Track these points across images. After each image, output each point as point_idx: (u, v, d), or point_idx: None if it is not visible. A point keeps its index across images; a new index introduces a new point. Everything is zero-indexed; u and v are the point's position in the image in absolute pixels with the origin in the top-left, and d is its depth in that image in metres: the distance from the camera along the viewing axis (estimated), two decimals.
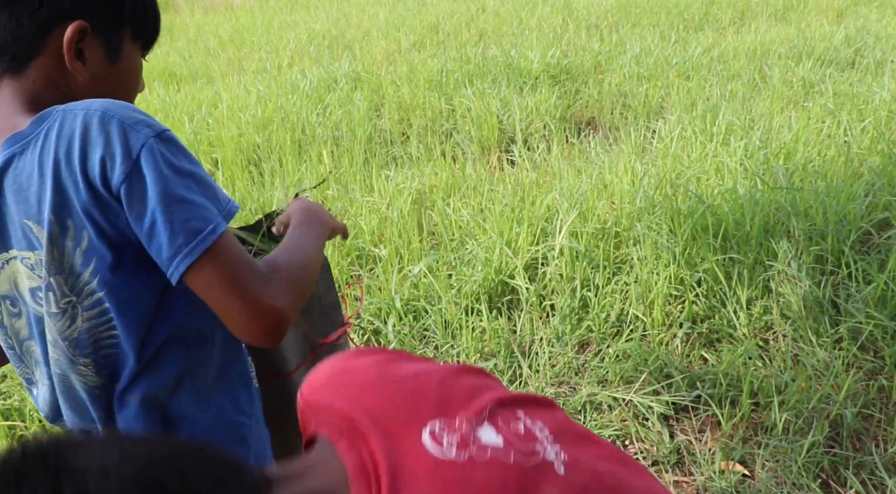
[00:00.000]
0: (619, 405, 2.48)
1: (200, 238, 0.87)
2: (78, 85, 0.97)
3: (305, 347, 1.28)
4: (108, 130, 0.85)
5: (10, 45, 0.93)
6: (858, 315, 2.66)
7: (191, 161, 0.91)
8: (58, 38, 0.93)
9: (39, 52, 0.94)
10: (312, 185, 3.52)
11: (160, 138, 0.87)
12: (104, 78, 0.99)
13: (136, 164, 0.85)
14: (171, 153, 0.88)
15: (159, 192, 0.85)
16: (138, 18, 1.02)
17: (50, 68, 0.95)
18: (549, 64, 5.87)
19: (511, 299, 3.03)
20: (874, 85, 4.84)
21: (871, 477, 2.18)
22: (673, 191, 3.40)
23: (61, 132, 0.86)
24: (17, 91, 0.96)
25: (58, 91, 0.96)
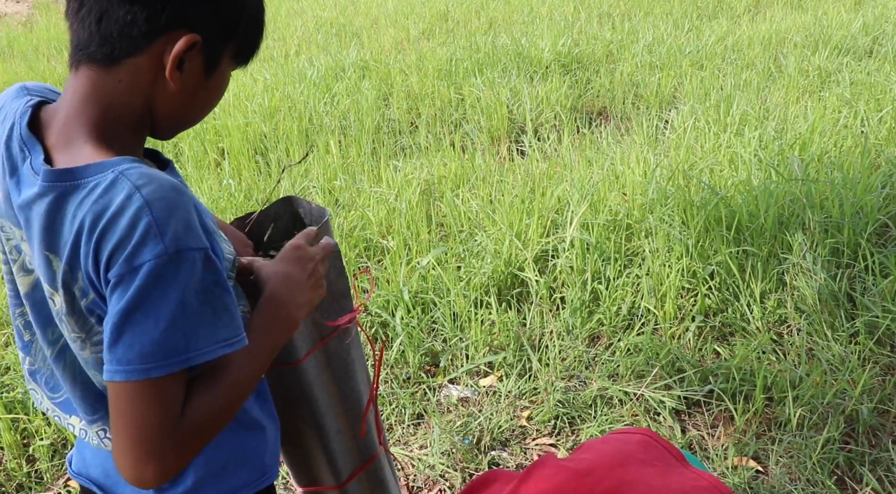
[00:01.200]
0: (630, 399, 2.44)
1: (135, 369, 0.83)
2: (166, 92, 0.93)
3: (315, 334, 1.26)
4: (134, 226, 0.82)
5: (114, 41, 0.89)
6: (875, 309, 2.61)
7: (191, 289, 0.85)
8: (165, 43, 0.89)
9: (140, 53, 0.90)
10: (294, 162, 3.47)
11: (172, 258, 0.83)
12: (194, 91, 0.95)
13: (134, 271, 0.83)
14: (173, 278, 0.84)
15: (130, 309, 0.83)
16: (247, 38, 0.98)
17: (143, 71, 0.91)
18: (559, 53, 5.81)
19: (521, 291, 2.99)
20: (892, 74, 4.77)
21: (888, 474, 2.14)
22: (686, 182, 3.35)
23: (102, 198, 0.84)
24: (97, 87, 0.91)
25: (140, 95, 0.93)
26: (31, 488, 2.32)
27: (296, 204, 1.35)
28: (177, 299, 0.84)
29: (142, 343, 0.83)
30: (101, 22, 0.88)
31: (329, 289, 1.23)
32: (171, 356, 0.84)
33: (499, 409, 2.47)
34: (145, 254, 0.82)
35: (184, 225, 0.84)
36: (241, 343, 0.91)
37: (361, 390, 1.37)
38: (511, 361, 2.65)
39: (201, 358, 0.86)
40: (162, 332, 0.84)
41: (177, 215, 0.84)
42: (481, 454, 2.32)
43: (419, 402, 2.54)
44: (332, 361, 1.30)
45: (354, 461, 1.42)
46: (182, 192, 0.87)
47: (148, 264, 0.82)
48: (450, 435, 2.36)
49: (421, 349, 2.72)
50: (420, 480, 2.26)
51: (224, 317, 0.89)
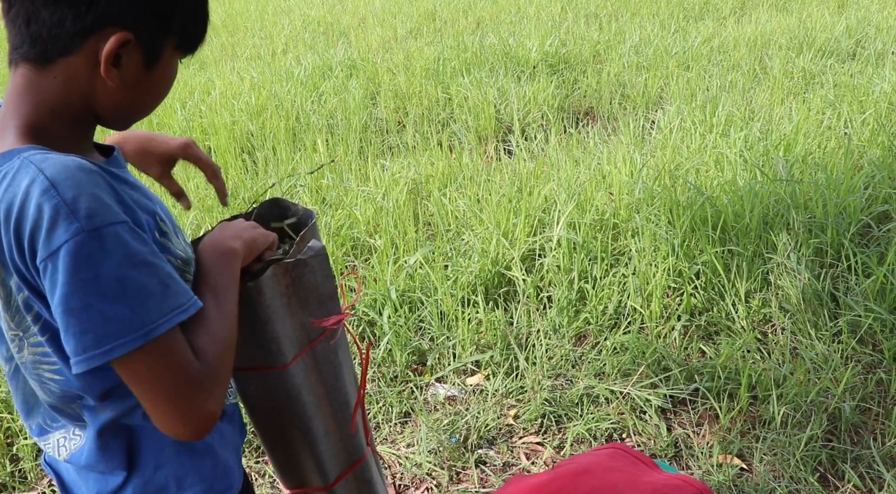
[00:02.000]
0: (616, 398, 2.46)
1: (94, 354, 0.82)
2: (105, 89, 0.92)
3: (303, 337, 1.25)
4: (41, 208, 0.80)
5: (44, 41, 0.88)
6: (857, 308, 2.64)
7: (124, 264, 0.83)
8: (97, 42, 0.89)
9: (72, 52, 0.89)
10: (310, 171, 3.48)
11: (93, 236, 0.81)
12: (135, 85, 0.94)
13: (54, 256, 0.80)
14: (99, 255, 0.81)
15: (66, 294, 0.81)
16: (186, 30, 0.97)
17: (78, 69, 0.90)
18: (547, 53, 5.82)
19: (508, 290, 3.00)
20: (875, 76, 4.82)
21: (869, 471, 2.16)
22: (672, 182, 3.37)
23: (9, 187, 0.83)
24: (31, 84, 0.91)
25: (79, 92, 0.92)
26: (15, 487, 2.30)
27: (283, 206, 1.34)
28: (113, 275, 0.82)
29: (93, 328, 0.82)
30: (28, 24, 0.88)
31: (316, 292, 1.22)
32: (125, 333, 0.82)
33: (486, 407, 2.47)
34: (60, 235, 0.80)
35: (96, 201, 0.82)
36: (195, 306, 0.90)
37: (349, 391, 1.37)
38: (498, 360, 2.66)
39: (159, 330, 0.84)
40: (107, 312, 0.82)
41: (85, 191, 0.82)
42: (468, 452, 2.33)
43: (406, 401, 2.54)
44: (320, 364, 1.29)
45: (342, 462, 1.42)
46: (90, 170, 0.85)
47: (66, 244, 0.80)
48: (437, 434, 2.36)
49: (408, 348, 2.72)
50: (407, 478, 2.26)
51: (172, 285, 0.87)
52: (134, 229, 0.85)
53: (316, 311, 1.24)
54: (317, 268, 1.21)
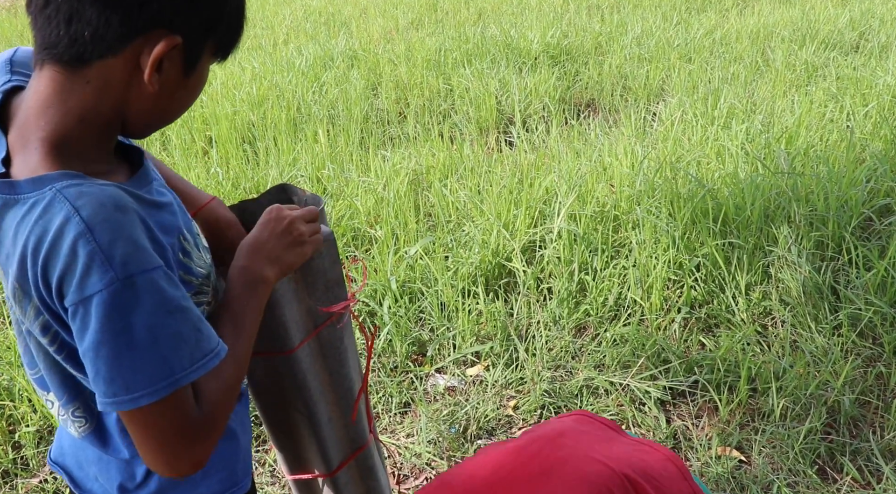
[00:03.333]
0: (616, 389, 2.46)
1: (123, 400, 0.81)
2: (141, 94, 0.87)
3: (309, 322, 1.26)
4: (76, 252, 0.77)
5: (85, 43, 0.81)
6: (858, 302, 2.64)
7: (157, 313, 0.81)
8: (142, 44, 0.83)
9: (113, 55, 0.83)
10: None
11: (126, 284, 0.78)
12: (172, 91, 0.89)
13: (86, 302, 0.78)
14: (132, 304, 0.79)
15: (97, 342, 0.79)
16: (229, 34, 0.92)
17: (116, 73, 0.84)
18: (548, 44, 5.80)
19: (508, 281, 3.00)
20: (878, 69, 4.80)
21: (868, 464, 2.17)
22: (673, 174, 3.37)
23: (39, 221, 0.79)
24: (62, 89, 0.84)
25: (112, 98, 0.86)
26: (17, 474, 2.31)
27: (290, 192, 1.34)
28: (144, 325, 0.80)
29: (122, 376, 0.80)
30: (70, 23, 0.80)
31: (324, 277, 1.23)
32: (155, 382, 0.81)
33: (485, 398, 2.48)
34: (94, 283, 0.77)
35: (132, 246, 0.79)
36: (224, 351, 0.88)
37: (353, 378, 1.38)
38: (498, 351, 2.66)
39: (188, 378, 0.83)
40: (137, 362, 0.80)
41: (122, 236, 0.79)
42: (468, 442, 2.33)
43: (406, 391, 2.55)
44: (326, 349, 1.30)
45: (345, 449, 1.43)
46: (126, 209, 0.81)
47: (99, 294, 0.77)
48: (436, 424, 2.37)
49: (408, 339, 2.72)
50: (407, 468, 2.27)
51: (203, 329, 0.86)
52: (167, 274, 0.83)
53: (323, 296, 1.25)
54: (325, 253, 1.21)
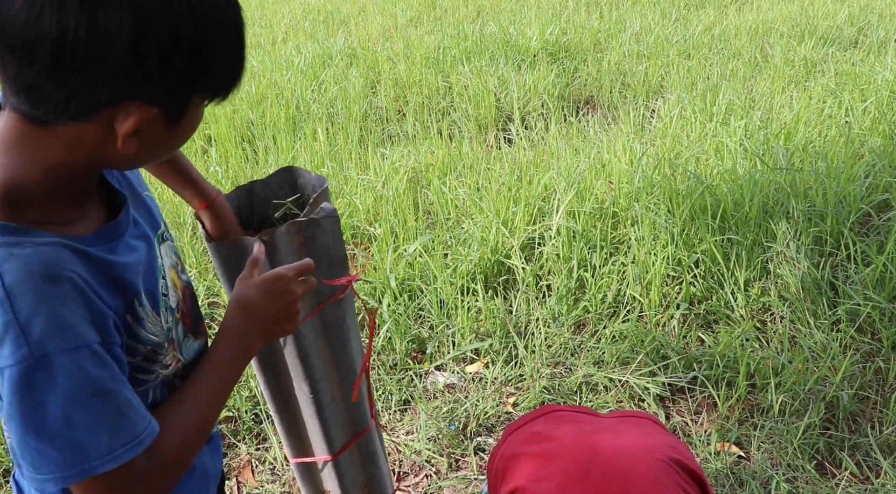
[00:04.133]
0: (615, 386, 2.46)
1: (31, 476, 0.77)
2: (118, 152, 0.79)
3: (312, 299, 1.29)
4: None
5: (48, 112, 0.75)
6: (857, 297, 2.64)
7: (75, 396, 0.74)
8: (113, 111, 0.76)
9: (82, 120, 0.76)
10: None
11: (42, 363, 0.72)
12: (157, 143, 0.82)
13: (0, 373, 0.73)
14: (45, 384, 0.73)
15: (8, 415, 0.75)
16: (218, 83, 0.82)
17: (88, 134, 0.77)
18: (547, 41, 5.80)
19: (507, 279, 3.00)
20: (877, 65, 4.80)
21: (866, 459, 2.17)
22: (672, 171, 3.37)
23: None
24: (26, 139, 0.77)
25: (84, 153, 0.79)
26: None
27: (296, 174, 1.37)
28: (58, 408, 0.74)
29: (30, 455, 0.76)
30: (29, 92, 0.73)
31: (328, 255, 1.26)
32: (67, 468, 0.76)
33: (485, 395, 2.48)
34: (5, 356, 0.72)
35: (54, 322, 0.73)
36: (150, 436, 0.82)
37: (355, 359, 1.39)
38: (497, 348, 2.66)
39: (105, 467, 0.77)
40: (45, 445, 0.75)
41: (44, 310, 0.72)
42: (467, 439, 2.34)
43: (406, 388, 2.55)
44: (328, 327, 1.33)
45: (347, 432, 1.45)
46: (57, 279, 0.74)
47: (10, 369, 0.72)
48: (436, 421, 2.37)
49: (407, 336, 2.72)
50: (406, 465, 2.28)
51: (129, 414, 0.79)
52: (95, 352, 0.76)
53: (327, 274, 1.28)
54: (328, 229, 1.24)
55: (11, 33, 0.69)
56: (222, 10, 0.77)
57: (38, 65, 0.70)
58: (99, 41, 0.70)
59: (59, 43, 0.69)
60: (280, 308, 1.00)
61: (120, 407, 0.78)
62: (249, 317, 0.97)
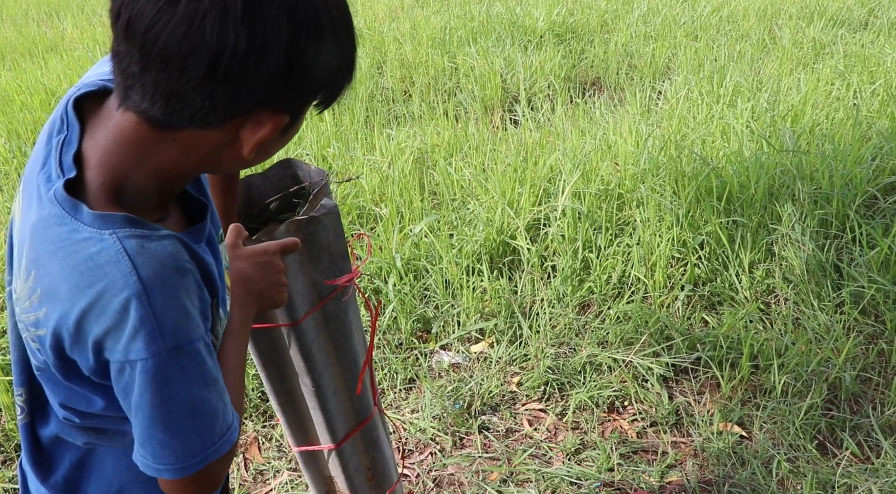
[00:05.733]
0: (619, 366, 2.48)
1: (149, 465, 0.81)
2: (235, 156, 0.80)
3: (314, 295, 1.29)
4: (127, 311, 0.73)
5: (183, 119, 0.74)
6: (861, 279, 2.65)
7: (197, 386, 0.79)
8: (244, 120, 0.76)
9: (210, 128, 0.76)
10: (340, 180, 3.48)
11: (173, 355, 0.75)
12: (267, 151, 0.83)
13: (131, 364, 0.75)
14: (176, 375, 0.77)
15: (137, 405, 0.78)
16: (333, 92, 0.83)
17: (210, 140, 0.77)
18: (554, 22, 5.77)
19: (512, 259, 3.02)
20: (887, 46, 4.77)
21: (867, 439, 2.19)
22: (677, 153, 3.37)
23: (89, 262, 0.74)
24: (144, 140, 0.77)
25: (199, 158, 0.79)
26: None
27: (295, 167, 1.37)
28: (185, 398, 0.78)
29: (151, 446, 0.80)
30: (169, 100, 0.73)
31: (328, 250, 1.26)
32: (187, 458, 0.80)
33: (489, 375, 2.50)
34: (140, 349, 0.74)
35: (184, 315, 0.76)
36: (237, 419, 0.86)
37: (357, 350, 1.40)
38: (502, 328, 2.68)
39: (218, 453, 0.82)
40: (170, 437, 0.79)
41: (176, 303, 0.75)
42: (472, 418, 2.36)
43: (411, 367, 2.57)
44: (330, 322, 1.33)
45: (350, 421, 1.46)
46: (184, 271, 0.77)
47: (144, 361, 0.74)
48: (441, 400, 2.40)
49: (413, 316, 2.74)
50: (411, 443, 2.30)
51: (227, 400, 0.84)
52: (207, 343, 0.80)
53: (328, 269, 1.28)
54: (329, 226, 1.24)
55: (167, 44, 0.68)
56: (349, 18, 0.78)
57: (189, 75, 0.70)
58: (256, 53, 0.70)
59: (217, 55, 0.69)
60: (269, 280, 1.04)
61: (221, 394, 0.82)
62: (245, 286, 1.01)
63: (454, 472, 2.19)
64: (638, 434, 2.29)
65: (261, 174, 1.35)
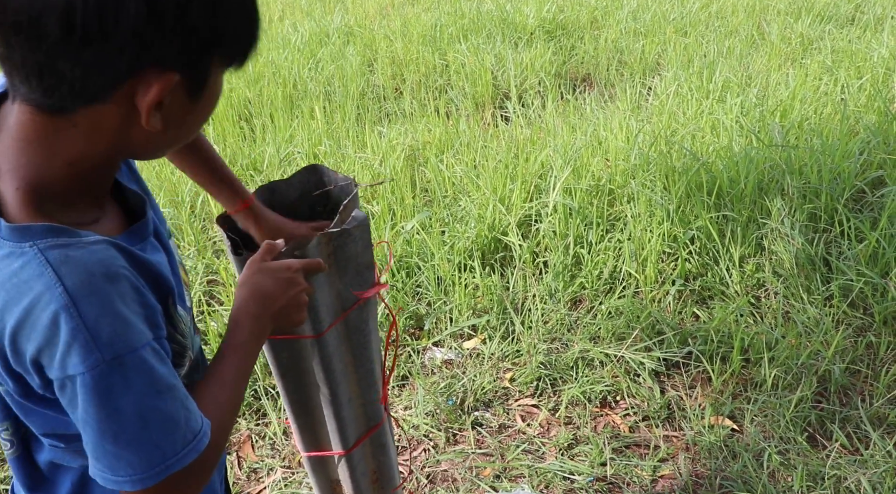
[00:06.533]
0: (610, 361, 2.50)
1: (107, 478, 0.77)
2: (142, 133, 0.76)
3: (337, 305, 1.26)
4: (57, 326, 0.69)
5: (63, 95, 0.70)
6: (850, 273, 2.67)
7: (147, 394, 0.74)
8: (133, 87, 0.71)
9: (101, 102, 0.72)
10: (369, 184, 3.48)
11: (113, 366, 0.71)
12: (181, 119, 0.78)
13: (71, 380, 0.72)
14: (119, 387, 0.72)
15: (84, 420, 0.74)
16: (236, 45, 0.78)
17: (109, 117, 0.73)
18: (544, 19, 5.78)
19: (504, 256, 3.03)
20: (873, 42, 4.79)
21: (857, 431, 2.21)
22: (668, 148, 3.38)
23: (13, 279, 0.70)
24: (44, 132, 0.73)
25: (107, 141, 0.76)
26: None
27: (320, 172, 1.33)
28: (134, 409, 0.74)
29: (107, 461, 0.76)
30: (41, 76, 0.69)
31: (355, 261, 1.23)
32: (146, 469, 0.76)
33: (482, 371, 2.51)
34: (76, 364, 0.70)
35: (121, 322, 0.72)
36: (207, 425, 0.82)
37: (374, 359, 1.37)
38: (494, 324, 2.69)
39: (181, 463, 0.78)
40: (123, 449, 0.75)
41: (110, 311, 0.71)
42: (465, 414, 2.37)
43: (404, 364, 2.58)
44: (351, 332, 1.30)
45: (361, 427, 1.43)
46: (116, 277, 0.73)
47: (82, 376, 0.71)
48: (434, 396, 2.41)
49: (405, 313, 2.75)
50: (405, 440, 2.31)
51: (190, 406, 0.79)
52: (156, 349, 0.76)
53: (353, 280, 1.25)
54: (358, 238, 1.21)
55: (15, 10, 0.65)
56: None
57: (47, 41, 0.66)
58: (110, 4, 0.66)
59: (67, 12, 0.65)
60: (290, 297, 1.00)
61: (183, 401, 0.79)
62: (263, 302, 0.97)
63: (447, 468, 2.20)
64: (630, 428, 2.30)
65: (285, 180, 1.31)
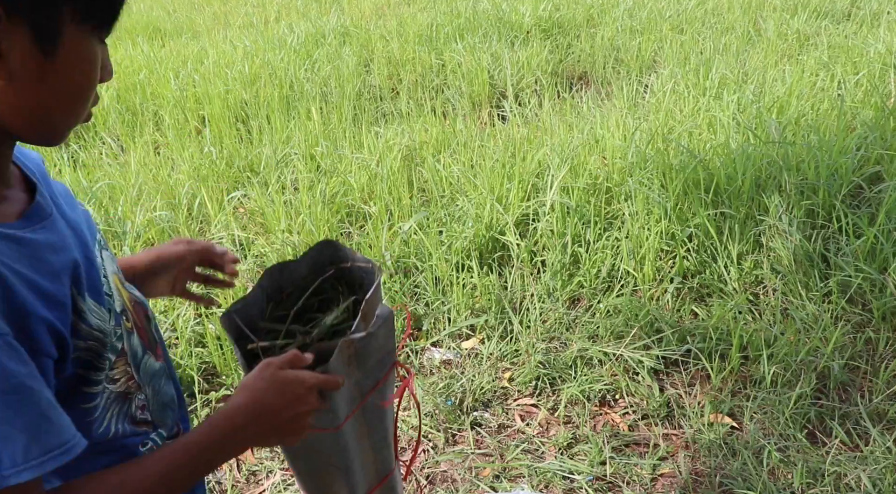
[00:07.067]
0: (609, 359, 2.49)
1: None
2: (9, 105, 0.71)
3: (355, 393, 1.18)
4: None
5: None
6: (848, 269, 2.67)
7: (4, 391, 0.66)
8: None
9: None
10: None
11: None
12: (36, 79, 0.71)
13: None
14: None
15: None
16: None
17: None
18: (540, 17, 5.78)
19: (502, 255, 3.02)
20: (870, 37, 4.79)
21: (856, 427, 2.21)
22: (665, 146, 3.38)
23: None
24: None
25: None
26: None
27: (334, 247, 1.23)
28: None
29: None
30: None
31: (378, 352, 1.16)
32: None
33: (481, 371, 2.51)
34: None
35: None
36: (76, 447, 0.73)
37: (389, 428, 1.31)
38: (493, 323, 2.69)
39: (20, 477, 0.67)
40: None
41: None
42: (464, 414, 2.37)
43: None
44: (368, 411, 1.24)
45: (371, 480, 1.36)
46: None
47: None
48: (433, 397, 2.40)
49: (403, 313, 2.74)
50: (404, 440, 2.31)
51: (53, 417, 0.71)
52: (11, 345, 0.68)
53: (374, 368, 1.18)
54: (381, 334, 1.14)
55: None
56: None
57: None
58: None
59: None
60: (291, 416, 0.90)
61: (41, 409, 0.69)
62: (257, 418, 0.88)
63: (447, 469, 2.20)
64: (629, 426, 2.30)
65: (296, 260, 1.22)
